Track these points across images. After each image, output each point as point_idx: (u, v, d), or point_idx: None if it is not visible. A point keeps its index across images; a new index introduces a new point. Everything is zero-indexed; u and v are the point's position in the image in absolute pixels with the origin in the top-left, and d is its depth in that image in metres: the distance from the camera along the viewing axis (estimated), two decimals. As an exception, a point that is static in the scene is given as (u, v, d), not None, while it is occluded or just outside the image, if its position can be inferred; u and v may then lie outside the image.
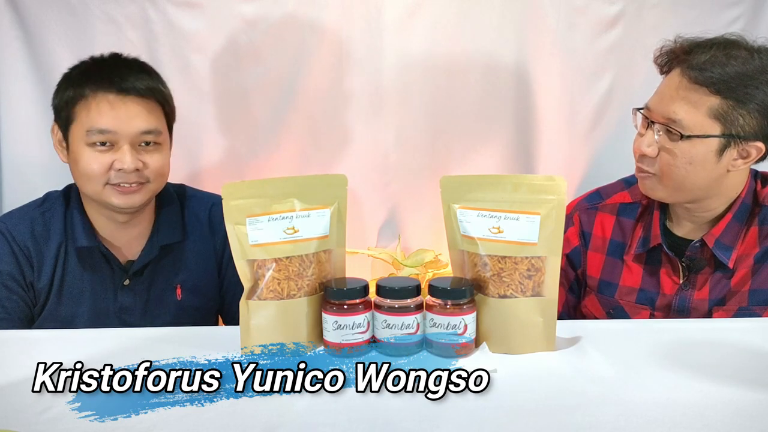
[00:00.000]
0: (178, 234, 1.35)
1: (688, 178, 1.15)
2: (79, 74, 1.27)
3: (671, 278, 1.24)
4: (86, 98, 1.22)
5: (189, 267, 1.36)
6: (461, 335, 0.89)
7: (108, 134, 1.22)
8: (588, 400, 0.78)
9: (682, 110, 1.12)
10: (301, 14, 1.80)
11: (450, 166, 1.89)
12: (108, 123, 1.21)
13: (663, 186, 1.18)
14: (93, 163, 1.22)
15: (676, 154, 1.14)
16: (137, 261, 1.31)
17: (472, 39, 1.84)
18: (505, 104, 1.89)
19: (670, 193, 1.19)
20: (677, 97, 1.12)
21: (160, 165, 1.27)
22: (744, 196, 1.21)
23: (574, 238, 1.34)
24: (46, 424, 0.74)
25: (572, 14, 1.83)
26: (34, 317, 1.30)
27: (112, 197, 1.24)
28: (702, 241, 1.20)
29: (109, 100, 1.22)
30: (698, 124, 1.11)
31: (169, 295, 1.35)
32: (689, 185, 1.16)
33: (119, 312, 1.31)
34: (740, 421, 0.73)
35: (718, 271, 1.21)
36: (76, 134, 1.23)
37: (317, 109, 1.86)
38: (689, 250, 1.22)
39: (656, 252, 1.26)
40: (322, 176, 1.00)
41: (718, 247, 1.19)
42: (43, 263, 1.28)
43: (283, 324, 0.92)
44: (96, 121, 1.21)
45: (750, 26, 1.86)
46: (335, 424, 0.74)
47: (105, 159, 1.22)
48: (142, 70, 1.29)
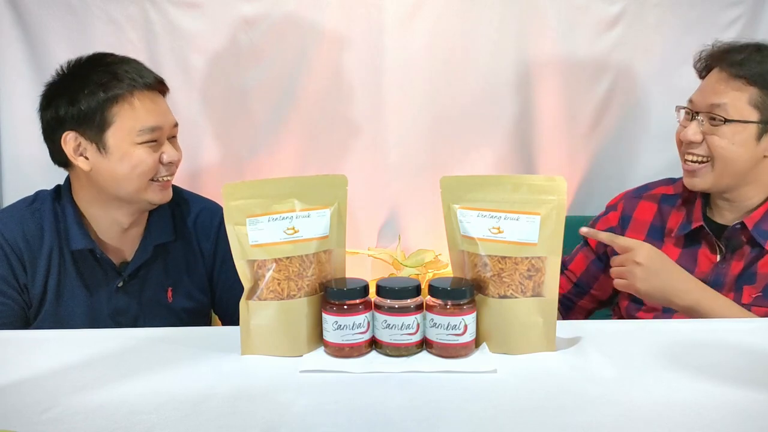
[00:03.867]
0: (170, 233, 1.35)
1: (732, 159, 1.26)
2: (102, 75, 1.23)
3: (708, 258, 1.33)
4: (123, 98, 1.22)
5: (179, 268, 1.36)
6: (461, 335, 0.89)
7: (157, 131, 1.25)
8: (588, 401, 0.78)
9: (724, 98, 1.25)
10: (301, 14, 1.81)
11: (450, 166, 1.89)
12: (156, 120, 1.25)
13: (712, 171, 1.28)
14: (148, 159, 1.24)
15: (721, 136, 1.25)
16: (132, 262, 1.31)
17: (472, 39, 1.84)
18: (505, 104, 1.89)
19: (716, 178, 1.28)
20: (719, 88, 1.26)
21: (181, 154, 1.32)
22: None
23: (614, 219, 1.46)
24: (46, 424, 0.74)
25: (573, 14, 1.84)
26: (29, 319, 1.28)
27: (154, 194, 1.27)
28: (742, 223, 1.29)
29: (149, 97, 1.25)
30: (739, 110, 1.24)
31: (161, 298, 1.34)
32: (732, 168, 1.27)
33: (113, 314, 1.30)
34: (741, 422, 0.73)
35: (754, 251, 1.29)
36: (118, 136, 1.22)
37: (317, 109, 1.86)
38: (728, 231, 1.31)
39: (696, 235, 1.34)
40: (322, 176, 0.99)
41: (757, 230, 1.28)
42: (37, 265, 1.26)
43: (283, 324, 0.92)
44: (146, 120, 1.23)
45: (750, 26, 1.86)
46: (335, 424, 0.73)
47: (156, 155, 1.25)
48: (144, 66, 1.31)
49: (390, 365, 0.88)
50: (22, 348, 0.99)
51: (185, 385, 0.84)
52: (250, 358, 0.92)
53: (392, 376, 0.85)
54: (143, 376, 0.87)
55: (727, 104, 1.24)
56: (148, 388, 0.83)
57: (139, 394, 0.81)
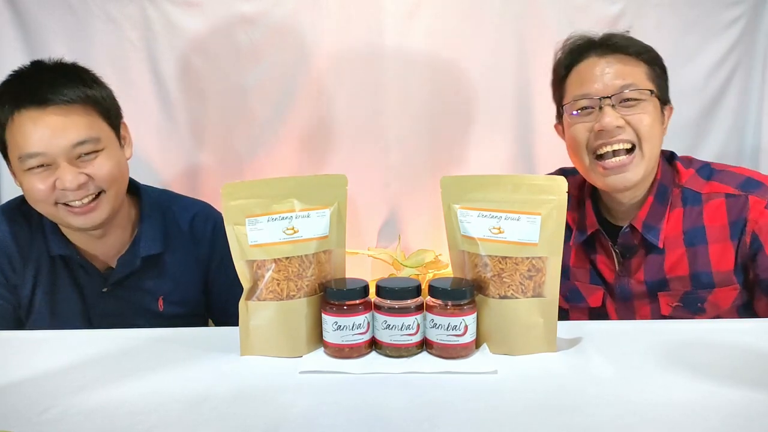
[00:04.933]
0: (159, 245, 1.29)
1: (656, 137, 1.21)
2: (2, 93, 1.15)
3: (608, 267, 1.28)
4: (10, 121, 1.12)
5: (172, 277, 1.32)
6: (461, 336, 0.89)
7: (39, 157, 1.12)
8: (588, 401, 0.78)
9: (629, 78, 1.19)
10: (301, 14, 1.81)
11: (450, 166, 1.89)
12: (35, 146, 1.11)
13: (642, 158, 1.19)
14: (35, 186, 1.13)
15: (646, 113, 1.19)
16: (116, 271, 1.27)
17: (472, 39, 1.84)
18: (505, 104, 1.89)
19: (646, 164, 1.20)
20: (619, 70, 1.19)
21: (107, 171, 1.17)
22: (660, 177, 1.25)
23: None
24: (46, 425, 0.74)
25: (573, 13, 1.84)
26: (21, 319, 1.27)
27: (70, 219, 1.17)
28: (631, 225, 1.23)
29: (31, 118, 1.11)
30: (646, 86, 1.20)
31: (151, 305, 1.31)
32: (656, 150, 1.22)
33: (100, 318, 1.28)
34: (740, 422, 0.73)
35: (651, 254, 1.24)
36: (13, 161, 1.15)
37: (317, 109, 1.86)
38: (620, 236, 1.25)
39: (591, 241, 1.29)
40: (322, 176, 0.99)
41: (646, 229, 1.22)
42: (26, 265, 1.25)
43: (282, 325, 0.92)
44: (24, 146, 1.11)
45: (751, 26, 1.86)
46: (335, 425, 0.73)
47: (47, 181, 1.13)
48: (66, 73, 1.18)
49: (390, 366, 0.88)
50: (21, 348, 0.99)
51: (185, 386, 0.84)
52: (249, 358, 0.92)
53: (392, 376, 0.85)
54: (143, 376, 0.87)
55: (636, 83, 1.18)
56: (147, 388, 0.83)
57: (138, 394, 0.81)
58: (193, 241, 1.35)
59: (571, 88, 1.25)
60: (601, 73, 1.20)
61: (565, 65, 1.26)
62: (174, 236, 1.33)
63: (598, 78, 1.20)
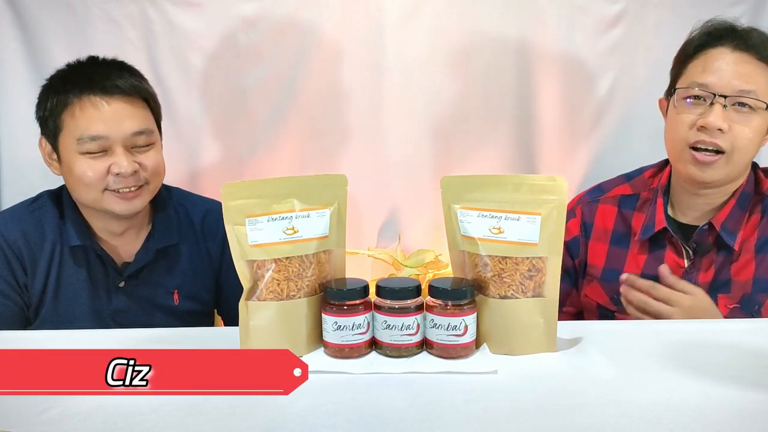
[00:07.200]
0: (174, 236, 1.34)
1: (749, 151, 1.17)
2: (59, 80, 1.22)
3: (676, 262, 1.27)
4: (71, 104, 1.18)
5: (184, 271, 1.35)
6: (461, 336, 0.89)
7: (100, 140, 1.18)
8: (589, 401, 0.78)
9: (752, 85, 1.14)
10: (301, 14, 1.80)
11: (450, 166, 1.89)
12: (99, 128, 1.17)
13: (727, 164, 1.18)
14: (88, 170, 1.18)
15: (749, 126, 1.15)
16: (133, 263, 1.30)
17: (473, 38, 1.84)
18: (505, 104, 1.89)
19: (729, 170, 1.19)
20: (745, 72, 1.14)
21: (156, 164, 1.25)
22: (745, 185, 1.25)
23: (575, 228, 1.37)
24: (45, 425, 0.74)
25: (573, 13, 1.84)
26: (29, 319, 1.28)
27: (113, 204, 1.21)
28: (709, 224, 1.23)
29: (94, 103, 1.18)
30: (763, 95, 1.14)
31: (166, 299, 1.33)
32: (744, 161, 1.19)
33: (113, 314, 1.30)
34: (741, 422, 0.73)
35: (722, 254, 1.24)
36: (66, 144, 1.20)
37: (317, 109, 1.86)
38: (697, 234, 1.24)
39: (660, 238, 1.28)
40: (321, 176, 0.99)
41: (725, 230, 1.22)
42: (37, 265, 1.26)
43: (282, 325, 0.92)
44: (86, 128, 1.17)
45: (751, 25, 1.85)
46: (335, 425, 0.73)
47: (100, 165, 1.19)
48: (123, 68, 1.26)
49: (390, 366, 0.88)
50: (21, 348, 0.98)
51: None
52: (249, 358, 0.92)
53: (392, 376, 0.85)
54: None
55: (757, 91, 1.13)
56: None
57: (138, 394, 0.81)
58: (204, 237, 1.38)
59: (692, 71, 1.21)
60: (726, 69, 1.16)
61: (695, 45, 1.22)
62: (186, 230, 1.36)
63: (722, 72, 1.16)
